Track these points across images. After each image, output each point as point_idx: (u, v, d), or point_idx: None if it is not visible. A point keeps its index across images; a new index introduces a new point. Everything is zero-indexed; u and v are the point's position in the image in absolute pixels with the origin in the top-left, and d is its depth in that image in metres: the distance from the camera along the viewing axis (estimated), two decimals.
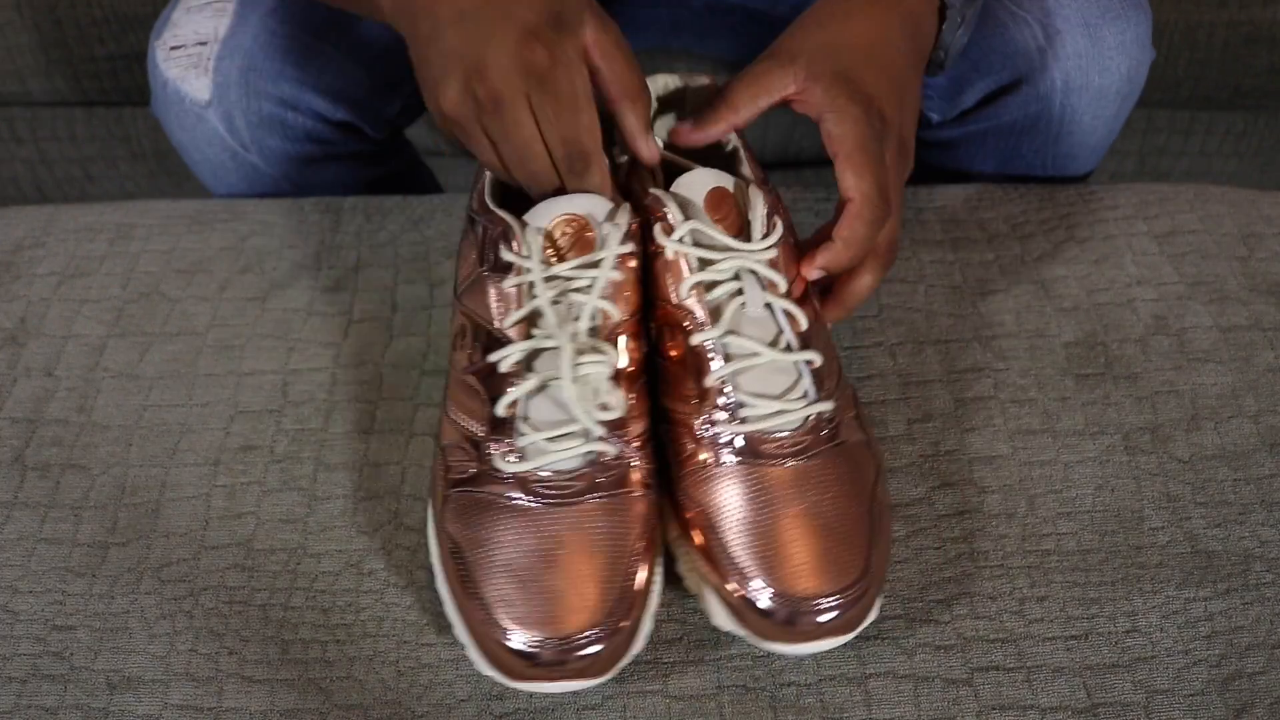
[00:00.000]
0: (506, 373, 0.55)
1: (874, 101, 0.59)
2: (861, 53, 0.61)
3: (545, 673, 0.52)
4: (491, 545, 0.54)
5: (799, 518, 0.54)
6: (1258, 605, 0.57)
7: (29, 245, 0.77)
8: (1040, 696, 0.54)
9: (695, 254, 0.56)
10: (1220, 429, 0.64)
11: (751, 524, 0.54)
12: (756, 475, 0.55)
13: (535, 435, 0.54)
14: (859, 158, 0.58)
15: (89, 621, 0.58)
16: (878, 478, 0.57)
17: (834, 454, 0.56)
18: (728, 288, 0.56)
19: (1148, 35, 0.77)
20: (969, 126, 0.81)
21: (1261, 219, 0.76)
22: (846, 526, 0.54)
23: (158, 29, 0.79)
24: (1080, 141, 0.80)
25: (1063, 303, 0.71)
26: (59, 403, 0.68)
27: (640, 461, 0.56)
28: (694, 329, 0.56)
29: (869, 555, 0.54)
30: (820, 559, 0.53)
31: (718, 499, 0.55)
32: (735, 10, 0.89)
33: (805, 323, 0.57)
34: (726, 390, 0.56)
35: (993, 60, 0.76)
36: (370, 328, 0.71)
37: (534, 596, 0.52)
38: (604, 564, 0.53)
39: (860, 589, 0.53)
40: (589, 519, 0.54)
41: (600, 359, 0.54)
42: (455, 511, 0.56)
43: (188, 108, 0.78)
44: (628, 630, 0.53)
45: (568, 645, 0.51)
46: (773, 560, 0.53)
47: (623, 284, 0.56)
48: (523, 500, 0.54)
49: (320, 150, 0.82)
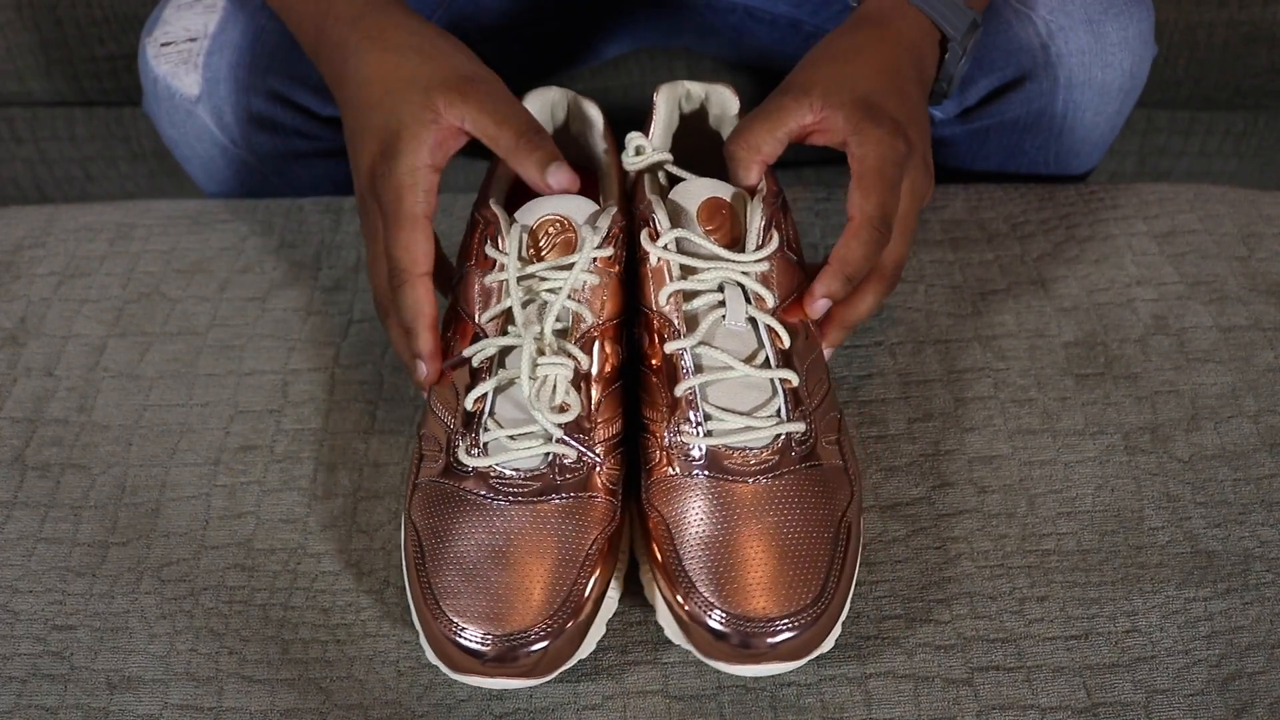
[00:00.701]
0: (478, 367, 0.56)
1: (899, 126, 0.59)
2: (878, 80, 0.61)
3: (485, 668, 0.51)
4: (448, 537, 0.54)
5: (756, 537, 0.53)
6: (1258, 605, 0.57)
7: (29, 245, 0.77)
8: (1040, 696, 0.54)
9: (677, 261, 0.56)
10: (1220, 429, 0.64)
11: (707, 539, 0.53)
12: (719, 490, 0.54)
13: (498, 432, 0.55)
14: (871, 179, 0.58)
15: (89, 621, 0.58)
16: (851, 504, 0.56)
17: (804, 475, 0.55)
18: (709, 299, 0.56)
19: (1150, 30, 0.77)
20: (972, 124, 0.81)
21: (1261, 219, 0.76)
22: (806, 550, 0.53)
23: (149, 26, 0.80)
24: (1083, 138, 0.80)
25: (1063, 303, 0.71)
26: (59, 403, 0.68)
27: (607, 466, 0.56)
28: (669, 337, 0.56)
29: (826, 581, 0.52)
30: (773, 580, 0.52)
31: (677, 510, 0.54)
32: (734, 10, 0.89)
33: (788, 340, 0.56)
34: (695, 402, 0.55)
35: (995, 57, 0.76)
36: (370, 328, 0.71)
37: (480, 591, 0.52)
38: (554, 565, 0.53)
39: (812, 615, 0.51)
40: (545, 519, 0.54)
41: (561, 361, 0.54)
42: (421, 501, 0.56)
43: (178, 104, 0.78)
44: (573, 633, 0.52)
45: (509, 643, 0.51)
46: (723, 577, 0.52)
47: (598, 287, 0.56)
48: (483, 496, 0.54)
49: (310, 146, 0.82)
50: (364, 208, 0.62)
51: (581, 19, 0.91)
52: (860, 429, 0.65)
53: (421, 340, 0.58)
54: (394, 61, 0.60)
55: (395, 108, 0.59)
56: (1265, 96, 1.11)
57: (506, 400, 0.55)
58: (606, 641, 0.56)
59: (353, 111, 0.62)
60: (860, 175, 0.58)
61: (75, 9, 1.06)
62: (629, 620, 0.57)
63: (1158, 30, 1.04)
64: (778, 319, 0.56)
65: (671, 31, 0.96)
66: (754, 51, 0.94)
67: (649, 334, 0.57)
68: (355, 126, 0.62)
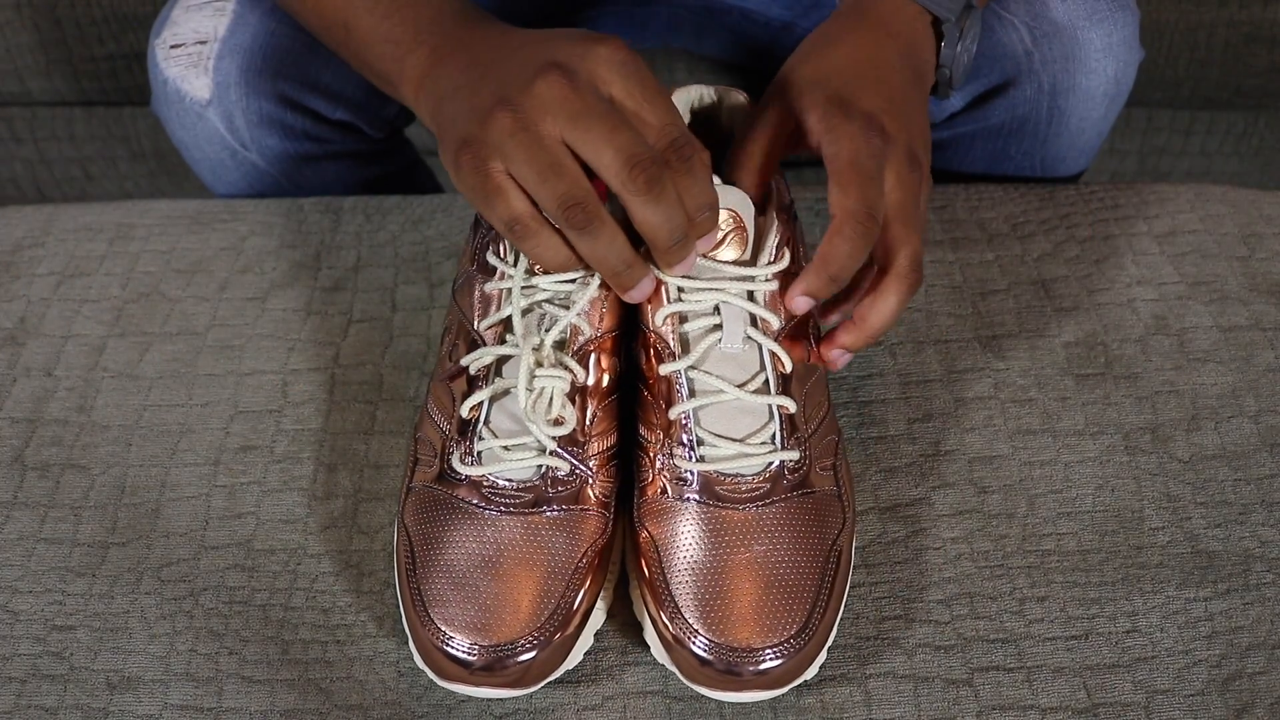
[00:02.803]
0: (475, 375, 0.56)
1: (873, 118, 0.56)
2: (851, 73, 0.59)
3: (472, 677, 0.51)
4: (438, 544, 0.54)
5: (744, 566, 0.52)
6: (1258, 605, 0.57)
7: (29, 245, 0.77)
8: (1040, 697, 0.54)
9: (676, 283, 0.55)
10: (1220, 429, 0.64)
11: (695, 564, 0.53)
12: (709, 515, 0.54)
13: (493, 441, 0.54)
14: (847, 174, 0.55)
15: (89, 621, 0.58)
16: (843, 531, 0.55)
17: (796, 503, 0.54)
18: (705, 321, 0.55)
19: (1135, 36, 0.77)
20: (957, 129, 0.81)
21: (1262, 219, 0.76)
22: (794, 580, 0.52)
23: (157, 27, 0.79)
24: (1068, 143, 0.80)
25: (1063, 303, 0.71)
26: (59, 403, 0.68)
27: (600, 480, 0.56)
28: (665, 358, 0.55)
29: (812, 611, 0.52)
30: (758, 610, 0.51)
31: (667, 532, 0.54)
32: (732, 10, 0.89)
33: (790, 364, 0.55)
34: (688, 425, 0.55)
35: (980, 63, 0.76)
36: (370, 328, 0.71)
37: (468, 600, 0.52)
38: (543, 577, 0.53)
39: (795, 645, 0.51)
40: (536, 531, 0.54)
41: (558, 373, 0.54)
42: (414, 506, 0.56)
43: (188, 106, 0.78)
44: (560, 645, 0.52)
45: (496, 653, 0.51)
46: (709, 605, 0.52)
47: (597, 300, 0.56)
48: (475, 505, 0.54)
49: (320, 149, 0.82)
50: (501, 117, 0.51)
51: (579, 21, 0.91)
52: (860, 429, 0.65)
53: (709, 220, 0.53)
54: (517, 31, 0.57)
55: (555, 38, 0.54)
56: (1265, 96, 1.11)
57: (502, 410, 0.55)
58: (607, 643, 0.56)
59: (491, 58, 0.55)
60: (835, 172, 0.55)
61: (75, 9, 1.06)
62: (628, 621, 0.57)
63: (1157, 30, 1.04)
64: (780, 344, 0.55)
65: (669, 31, 0.96)
66: (751, 52, 0.94)
67: (647, 352, 0.56)
68: (498, 58, 0.54)
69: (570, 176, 0.50)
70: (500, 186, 0.51)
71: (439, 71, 0.57)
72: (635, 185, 0.50)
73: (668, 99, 0.52)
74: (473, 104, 0.52)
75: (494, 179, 0.51)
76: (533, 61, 0.52)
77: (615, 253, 0.52)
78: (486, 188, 0.51)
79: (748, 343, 0.55)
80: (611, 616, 0.56)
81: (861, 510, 0.61)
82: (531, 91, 0.50)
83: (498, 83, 0.52)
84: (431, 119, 0.57)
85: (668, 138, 0.51)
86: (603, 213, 0.51)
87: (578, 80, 0.51)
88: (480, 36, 0.57)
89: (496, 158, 0.51)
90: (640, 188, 0.50)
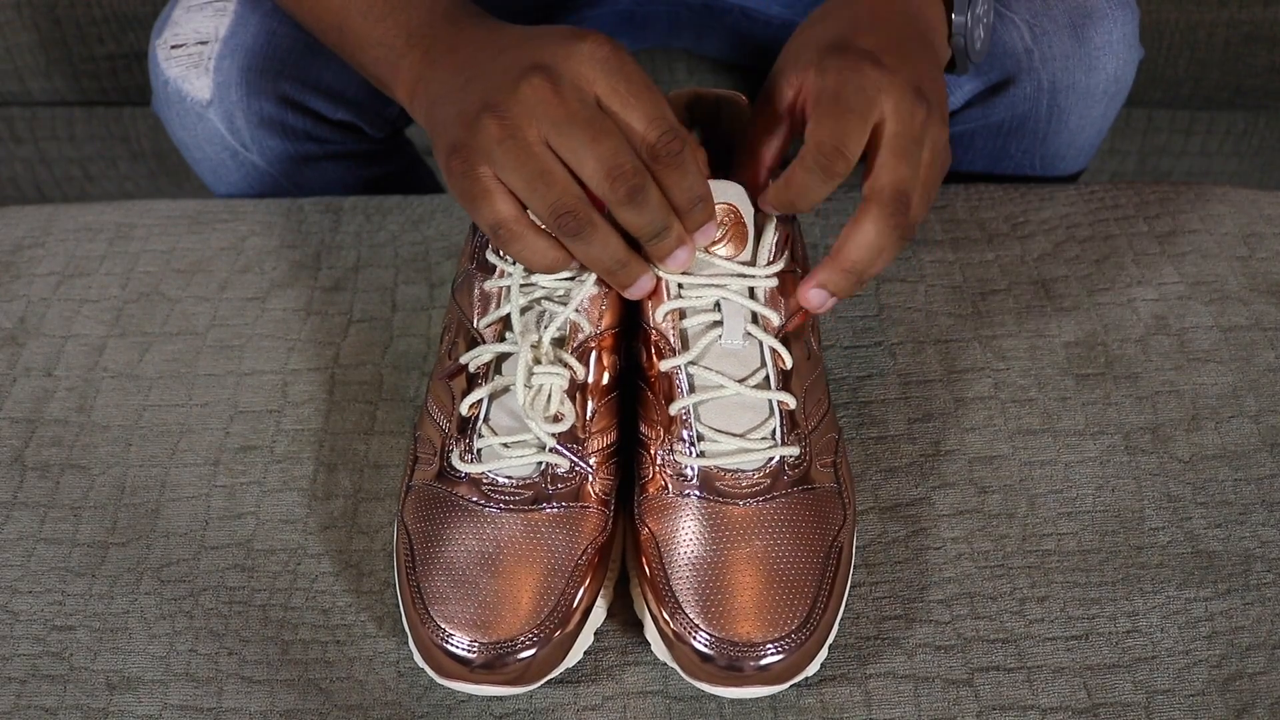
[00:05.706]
0: (474, 373, 0.56)
1: (869, 53, 0.53)
2: (848, 25, 0.56)
3: (472, 674, 0.51)
4: (438, 541, 0.54)
5: (745, 561, 0.52)
6: (1258, 605, 0.57)
7: (29, 245, 0.77)
8: (1040, 697, 0.54)
9: (676, 279, 0.55)
10: (1221, 429, 0.64)
11: (696, 560, 0.53)
12: (709, 511, 0.54)
13: (492, 439, 0.54)
14: (825, 105, 0.52)
15: (89, 621, 0.58)
16: (843, 527, 0.55)
17: (796, 499, 0.54)
18: (706, 317, 0.55)
19: (1135, 34, 0.77)
20: (956, 126, 0.80)
21: (1262, 219, 0.76)
22: (795, 575, 0.52)
23: (158, 28, 0.79)
24: (1068, 141, 0.80)
25: (1063, 303, 0.71)
26: (59, 403, 0.68)
27: (600, 477, 0.56)
28: (666, 354, 0.55)
29: (813, 606, 0.52)
30: (758, 605, 0.51)
31: (667, 528, 0.54)
32: (732, 10, 0.89)
33: (790, 361, 0.55)
34: (689, 421, 0.55)
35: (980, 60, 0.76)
36: (370, 328, 0.71)
37: (468, 598, 0.52)
38: (543, 574, 0.53)
39: (797, 640, 0.51)
40: (536, 528, 0.54)
41: (556, 370, 0.54)
42: (414, 504, 0.56)
43: (189, 107, 0.78)
44: (560, 642, 0.52)
45: (495, 650, 0.51)
46: (710, 600, 0.52)
47: (596, 297, 0.56)
48: (475, 502, 0.54)
49: (320, 150, 0.82)
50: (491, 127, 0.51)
51: (578, 20, 0.91)
52: (860, 429, 0.65)
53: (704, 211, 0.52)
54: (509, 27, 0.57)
55: (540, 36, 0.53)
56: (1265, 96, 1.11)
57: (501, 407, 0.55)
58: (607, 642, 0.56)
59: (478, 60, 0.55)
60: (814, 104, 0.53)
61: (74, 9, 1.06)
62: (628, 620, 0.57)
63: (1158, 30, 1.04)
64: (780, 340, 0.55)
65: (670, 31, 0.96)
66: (752, 52, 0.94)
67: (647, 349, 0.56)
68: (484, 59, 0.54)
69: (559, 184, 0.51)
70: (487, 190, 0.52)
71: (430, 75, 0.57)
72: (616, 196, 0.50)
73: (654, 92, 0.52)
74: (461, 109, 0.52)
75: (481, 183, 0.51)
76: (517, 64, 0.52)
77: (610, 254, 0.53)
78: (474, 191, 0.52)
79: (748, 339, 0.55)
80: (612, 615, 0.56)
81: (862, 510, 0.61)
82: (516, 96, 0.51)
83: (484, 87, 0.52)
84: (425, 122, 0.57)
85: (654, 133, 0.51)
86: (594, 216, 0.52)
87: (561, 83, 0.51)
88: (469, 38, 0.57)
89: (485, 163, 0.51)
90: (621, 198, 0.50)
